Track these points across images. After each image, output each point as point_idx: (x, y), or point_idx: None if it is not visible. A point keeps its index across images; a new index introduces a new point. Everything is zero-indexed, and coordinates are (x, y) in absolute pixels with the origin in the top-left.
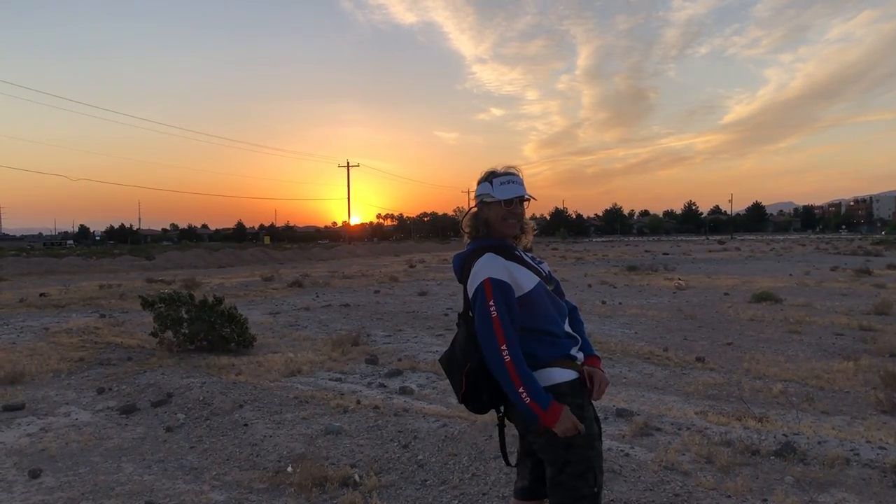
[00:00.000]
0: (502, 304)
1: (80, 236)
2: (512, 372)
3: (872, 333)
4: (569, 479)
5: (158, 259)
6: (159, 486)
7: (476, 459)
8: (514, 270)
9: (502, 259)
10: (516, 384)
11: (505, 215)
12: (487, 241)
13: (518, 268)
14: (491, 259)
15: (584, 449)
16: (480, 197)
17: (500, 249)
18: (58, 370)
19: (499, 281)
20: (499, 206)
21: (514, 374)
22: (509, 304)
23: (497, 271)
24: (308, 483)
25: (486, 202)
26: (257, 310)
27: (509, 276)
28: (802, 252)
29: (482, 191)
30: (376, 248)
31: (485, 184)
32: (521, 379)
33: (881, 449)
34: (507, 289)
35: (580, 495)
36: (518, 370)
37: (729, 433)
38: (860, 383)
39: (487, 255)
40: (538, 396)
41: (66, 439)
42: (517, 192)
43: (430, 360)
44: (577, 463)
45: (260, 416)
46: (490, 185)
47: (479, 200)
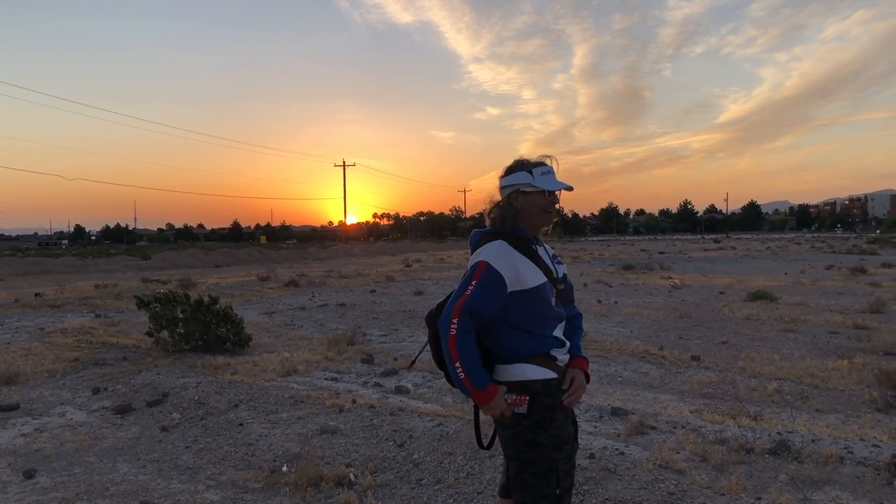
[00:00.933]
0: (482, 291)
1: (75, 236)
2: (452, 345)
3: (867, 332)
4: (531, 478)
5: (154, 259)
6: (154, 486)
7: (471, 458)
8: (521, 265)
9: (513, 251)
10: (454, 357)
11: (546, 206)
12: (507, 228)
13: (527, 263)
14: (501, 247)
15: (549, 450)
16: (515, 186)
17: (516, 240)
18: (53, 370)
19: (494, 270)
20: (541, 196)
21: (453, 348)
22: (490, 295)
23: (499, 260)
24: (303, 482)
25: (524, 192)
26: (253, 309)
27: (513, 269)
28: (798, 251)
29: (519, 180)
30: (373, 248)
31: (522, 173)
32: (460, 354)
33: (875, 447)
34: (497, 281)
35: (542, 495)
36: (459, 346)
37: (724, 431)
38: (855, 382)
39: (499, 242)
40: (473, 374)
41: (61, 439)
42: (561, 183)
43: (426, 359)
44: (540, 462)
45: (255, 415)
46: (530, 174)
47: (511, 190)
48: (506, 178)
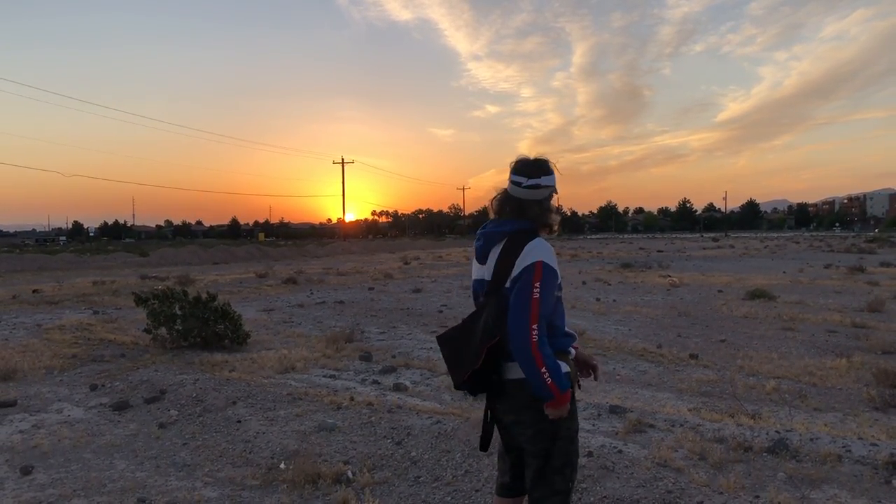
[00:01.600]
0: (547, 290)
1: (73, 233)
2: (535, 351)
3: (865, 331)
4: (549, 473)
5: (152, 256)
6: (152, 483)
7: (469, 456)
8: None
9: (552, 248)
10: (538, 363)
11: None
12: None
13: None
14: (546, 245)
15: (566, 443)
16: (553, 188)
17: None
18: (50, 367)
19: (551, 267)
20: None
21: (536, 353)
22: (552, 289)
23: (551, 258)
24: (301, 480)
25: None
26: (251, 307)
27: (557, 266)
28: (796, 250)
29: (554, 182)
30: (371, 245)
31: (553, 175)
32: (545, 359)
33: (873, 445)
34: (554, 278)
35: (556, 490)
36: (542, 350)
37: (722, 430)
38: (853, 380)
39: (542, 240)
40: (559, 379)
41: (59, 436)
42: None
43: (424, 356)
44: (558, 456)
45: (253, 412)
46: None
47: (550, 191)
48: (546, 177)
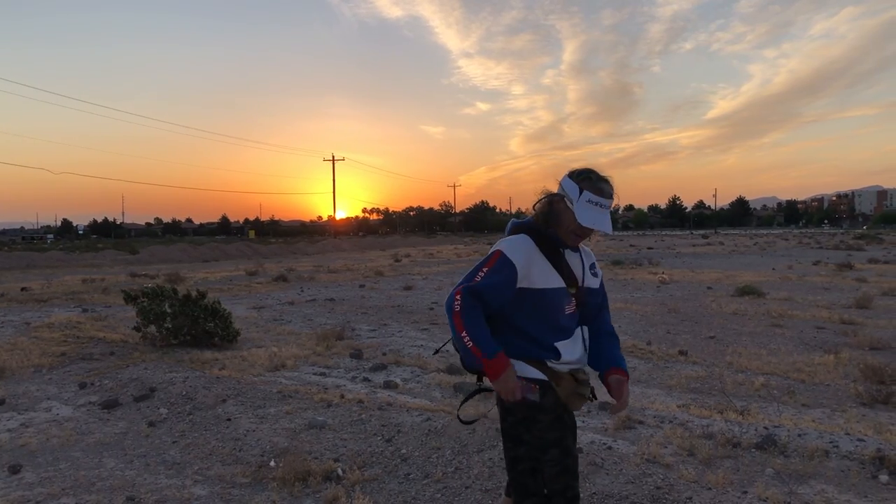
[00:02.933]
0: (492, 277)
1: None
2: (458, 320)
3: (853, 327)
4: (518, 476)
5: (142, 253)
6: (141, 482)
7: (459, 453)
8: (536, 264)
9: (534, 247)
10: (459, 328)
11: (577, 231)
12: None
13: (544, 264)
14: (521, 240)
15: (533, 449)
16: (563, 195)
17: (543, 239)
18: (39, 365)
19: (507, 259)
20: (574, 219)
21: (458, 321)
22: (499, 283)
23: (516, 252)
24: (291, 477)
25: (566, 204)
26: (241, 304)
27: (526, 264)
28: (785, 246)
29: (568, 191)
30: (362, 243)
31: (574, 186)
32: (465, 324)
33: (860, 441)
34: (508, 270)
35: (529, 493)
36: (464, 318)
37: (711, 426)
38: (840, 376)
39: (522, 236)
40: (482, 343)
41: (47, 434)
42: (601, 225)
43: (414, 354)
44: (525, 460)
45: (243, 410)
46: (578, 193)
47: (559, 195)
48: (566, 180)
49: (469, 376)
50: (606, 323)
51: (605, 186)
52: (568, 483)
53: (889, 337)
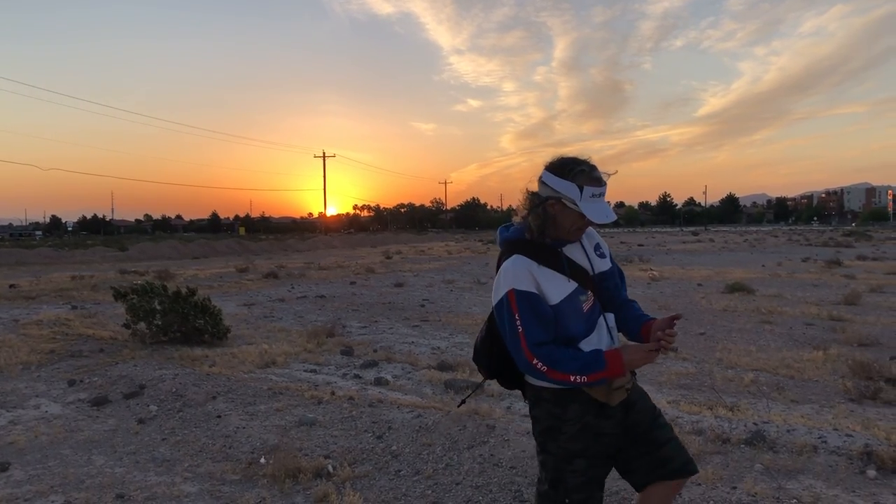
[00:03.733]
0: (526, 313)
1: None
2: (555, 375)
3: (842, 323)
4: (542, 484)
5: (132, 250)
6: (130, 479)
7: (450, 450)
8: (543, 280)
9: (532, 264)
10: (565, 379)
11: (581, 227)
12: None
13: (551, 276)
14: (516, 264)
15: (557, 459)
16: (559, 197)
17: (536, 249)
18: (28, 362)
19: (523, 292)
20: (579, 218)
21: (559, 375)
22: (536, 311)
23: (520, 280)
24: (281, 474)
25: (564, 204)
26: (232, 301)
27: (535, 285)
28: (775, 243)
29: (564, 191)
30: (353, 240)
31: (571, 186)
32: (566, 372)
33: (848, 436)
34: (532, 298)
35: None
36: (560, 369)
37: (700, 422)
38: (829, 372)
39: (514, 259)
40: (589, 366)
41: (36, 432)
42: (610, 215)
43: (405, 350)
44: (549, 469)
45: (233, 407)
46: (579, 191)
47: (553, 197)
48: (552, 178)
49: (459, 373)
50: (621, 295)
51: (600, 174)
52: (592, 493)
53: (877, 333)
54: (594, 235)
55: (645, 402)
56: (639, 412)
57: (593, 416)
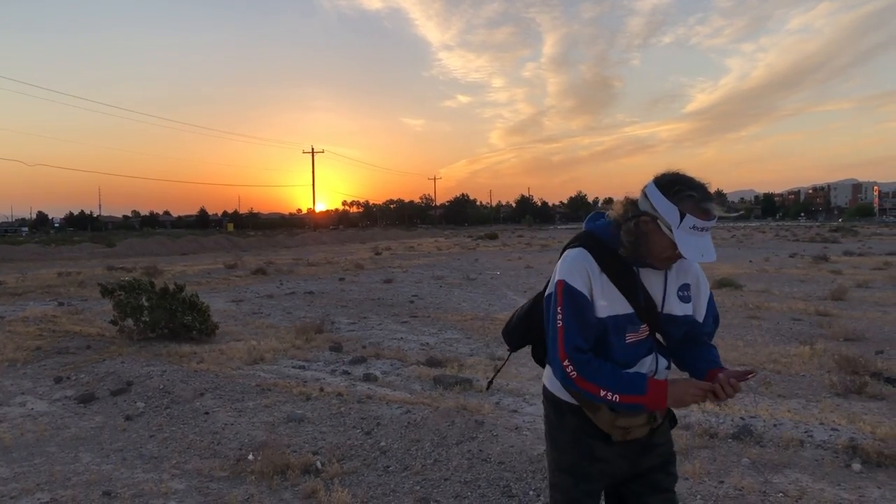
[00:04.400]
0: (571, 312)
1: (38, 223)
2: (585, 385)
3: (828, 318)
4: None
5: (119, 246)
6: (118, 476)
7: (438, 445)
8: (598, 288)
9: (595, 266)
10: (594, 392)
11: (671, 257)
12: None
13: (609, 289)
14: (577, 258)
15: (551, 462)
16: (656, 217)
17: (609, 257)
18: (13, 360)
19: (572, 288)
20: (671, 247)
21: (588, 386)
22: (582, 314)
23: (574, 276)
24: (269, 471)
25: (660, 226)
26: (220, 298)
27: (588, 287)
28: (762, 239)
29: (663, 213)
30: (342, 236)
31: (672, 208)
32: (598, 384)
33: (834, 430)
34: (578, 297)
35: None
36: (592, 379)
37: (688, 417)
38: (816, 367)
39: (578, 252)
40: (626, 386)
41: (22, 429)
42: (708, 255)
43: (394, 347)
44: (548, 470)
45: (221, 404)
46: (679, 218)
47: (650, 215)
48: (656, 194)
49: (448, 369)
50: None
51: (712, 206)
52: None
53: (863, 328)
54: (690, 275)
55: (666, 448)
56: (657, 455)
57: (590, 437)
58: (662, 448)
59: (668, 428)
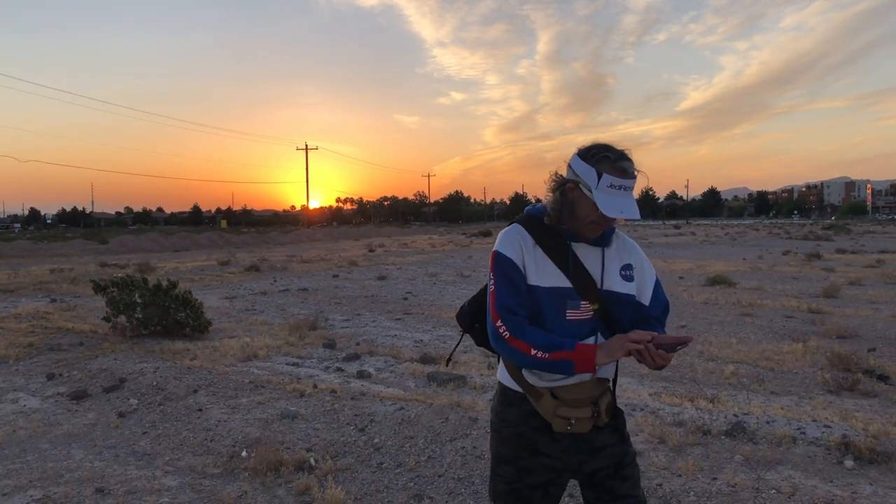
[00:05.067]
0: (503, 283)
1: (30, 220)
2: (515, 343)
3: (821, 316)
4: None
5: (112, 243)
6: (110, 473)
7: (432, 442)
8: (532, 259)
9: (528, 238)
10: (524, 350)
11: (598, 221)
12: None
13: (543, 261)
14: (512, 232)
15: (491, 453)
16: (577, 182)
17: (542, 230)
18: (5, 356)
19: (502, 255)
20: (594, 210)
21: (520, 345)
22: (511, 277)
23: (506, 246)
24: (263, 468)
25: (582, 191)
26: (213, 294)
27: (519, 255)
28: (756, 237)
29: (583, 176)
30: (335, 233)
31: (590, 170)
32: (529, 343)
33: (826, 427)
34: (507, 264)
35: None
36: (524, 338)
37: (681, 414)
38: (808, 364)
39: (513, 227)
40: (555, 345)
41: (14, 426)
42: (628, 212)
43: (388, 344)
44: (490, 472)
45: (215, 401)
46: (597, 177)
47: (573, 181)
48: (576, 160)
49: (442, 366)
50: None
51: (627, 164)
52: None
53: (855, 325)
54: (633, 257)
55: (617, 448)
56: (606, 457)
57: (533, 430)
58: (612, 450)
59: (618, 430)
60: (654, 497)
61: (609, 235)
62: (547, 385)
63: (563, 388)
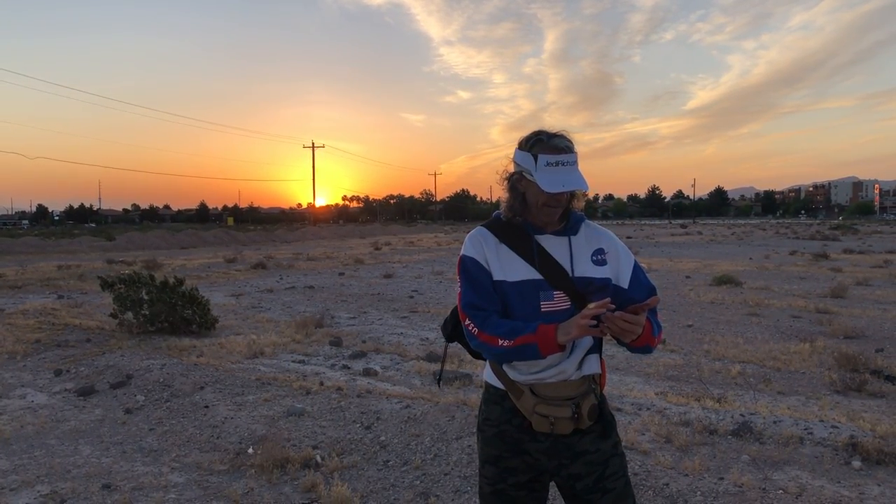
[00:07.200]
0: (468, 284)
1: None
2: (485, 337)
3: (828, 316)
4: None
5: (119, 240)
6: (117, 469)
7: (438, 440)
8: (496, 256)
9: (490, 238)
10: (492, 343)
11: (548, 202)
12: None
13: (508, 256)
14: (475, 235)
15: (478, 453)
16: (521, 171)
17: (503, 228)
18: (13, 352)
19: (465, 258)
20: (540, 191)
21: (487, 338)
22: (474, 275)
23: (469, 248)
24: (269, 465)
25: (527, 178)
26: (220, 292)
27: (482, 254)
28: (763, 236)
29: (523, 164)
30: (342, 231)
31: (526, 155)
32: (494, 334)
33: (833, 428)
34: (475, 267)
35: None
36: (489, 331)
37: (688, 413)
38: (815, 364)
39: (476, 231)
40: (517, 330)
41: (22, 422)
42: (570, 184)
43: (394, 341)
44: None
45: (221, 398)
46: (533, 160)
47: (517, 172)
48: (517, 152)
49: (448, 364)
50: None
51: (560, 141)
52: None
53: (863, 325)
54: (604, 241)
55: (598, 456)
56: (586, 464)
57: (515, 428)
58: (593, 457)
59: (604, 437)
60: (660, 496)
61: (576, 224)
62: (527, 380)
63: (543, 385)
